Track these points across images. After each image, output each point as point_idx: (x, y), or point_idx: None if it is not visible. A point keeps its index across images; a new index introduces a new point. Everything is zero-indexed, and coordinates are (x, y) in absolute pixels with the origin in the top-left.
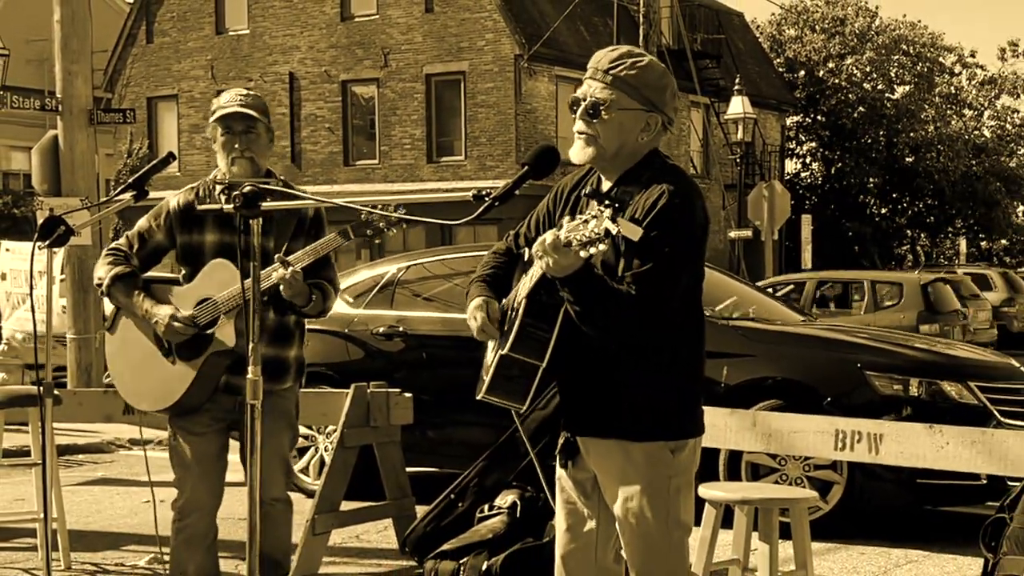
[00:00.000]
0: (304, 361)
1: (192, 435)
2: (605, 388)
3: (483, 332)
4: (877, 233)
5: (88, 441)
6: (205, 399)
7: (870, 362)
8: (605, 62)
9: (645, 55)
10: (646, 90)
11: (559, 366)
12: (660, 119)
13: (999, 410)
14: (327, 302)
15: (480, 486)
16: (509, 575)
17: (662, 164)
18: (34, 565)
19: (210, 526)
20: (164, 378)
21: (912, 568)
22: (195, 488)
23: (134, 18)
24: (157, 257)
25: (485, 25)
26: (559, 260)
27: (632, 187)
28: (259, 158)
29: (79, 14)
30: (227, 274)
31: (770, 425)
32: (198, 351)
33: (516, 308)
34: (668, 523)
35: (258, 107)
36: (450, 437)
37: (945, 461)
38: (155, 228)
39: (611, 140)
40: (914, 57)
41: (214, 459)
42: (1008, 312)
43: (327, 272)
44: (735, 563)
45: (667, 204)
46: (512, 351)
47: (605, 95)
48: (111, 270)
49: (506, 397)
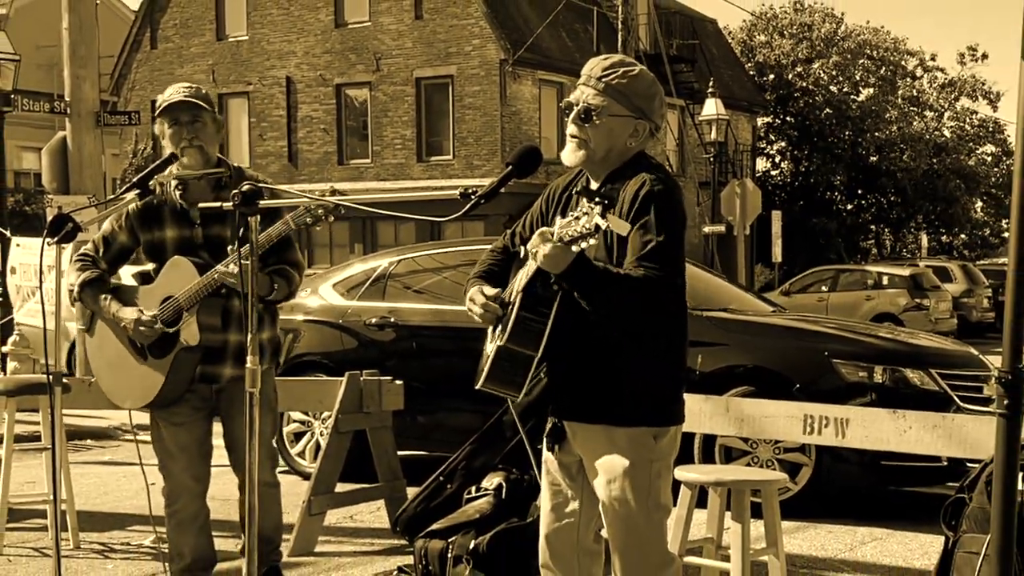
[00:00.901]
0: (279, 342)
1: (173, 425)
2: (592, 376)
3: (485, 313)
4: (843, 228)
5: (95, 426)
6: (182, 392)
7: (837, 350)
8: (598, 70)
9: (636, 65)
10: (636, 98)
11: (552, 356)
12: (648, 126)
13: (959, 396)
14: (291, 286)
15: (468, 469)
16: (495, 553)
17: (647, 164)
18: (44, 544)
19: (200, 509)
20: (140, 376)
21: (877, 545)
22: (180, 475)
23: (139, 25)
24: (124, 257)
25: (472, 31)
26: (552, 256)
27: (618, 184)
28: (208, 146)
29: (86, 21)
30: (185, 271)
31: (742, 410)
32: (167, 349)
33: (513, 302)
34: (648, 505)
35: (202, 97)
36: (439, 422)
37: (908, 444)
38: (118, 230)
39: (601, 144)
40: (878, 61)
41: (197, 445)
42: (967, 303)
43: (289, 255)
44: (709, 541)
45: (650, 190)
46: (509, 342)
47: (597, 101)
48: (80, 276)
49: (503, 387)
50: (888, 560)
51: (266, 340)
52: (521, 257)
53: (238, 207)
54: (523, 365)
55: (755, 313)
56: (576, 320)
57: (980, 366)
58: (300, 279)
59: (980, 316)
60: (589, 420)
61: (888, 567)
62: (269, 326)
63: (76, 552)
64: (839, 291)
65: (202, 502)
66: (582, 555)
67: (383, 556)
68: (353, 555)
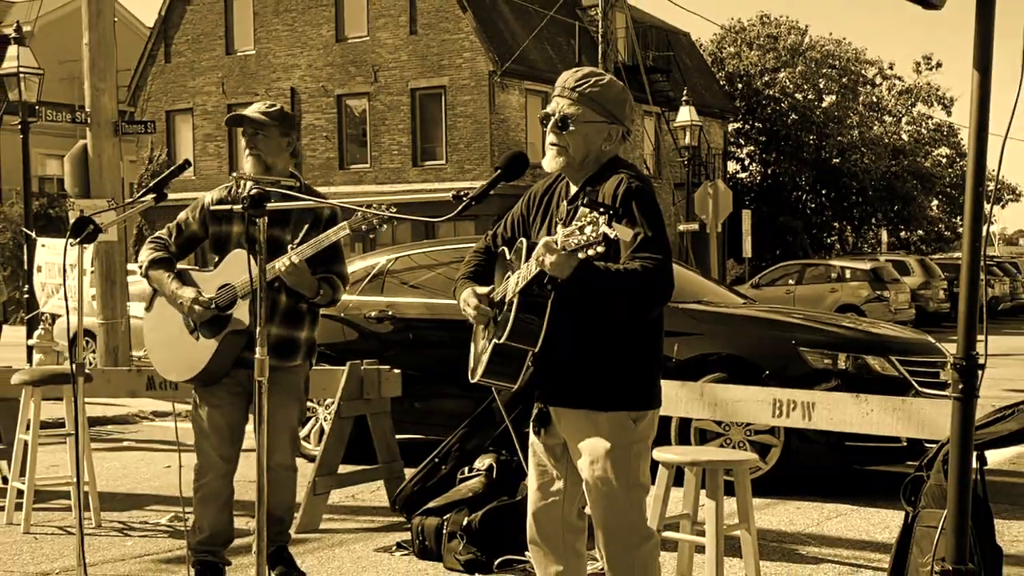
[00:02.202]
0: (315, 342)
1: (211, 406)
2: (576, 365)
3: (479, 315)
4: (808, 226)
5: (115, 414)
6: (225, 371)
7: (803, 339)
8: (571, 81)
9: (606, 75)
10: (608, 104)
11: (546, 350)
12: (621, 130)
13: (917, 381)
14: (336, 293)
15: (461, 451)
16: (487, 529)
17: (617, 163)
18: (68, 523)
19: (224, 486)
20: (189, 352)
21: (841, 520)
22: (210, 452)
23: (153, 40)
24: (193, 244)
25: (463, 45)
26: (559, 263)
27: (595, 187)
28: (267, 156)
29: (105, 37)
30: (244, 263)
31: (716, 395)
32: (218, 329)
33: (510, 303)
34: (629, 484)
35: (271, 114)
36: (434, 408)
37: (870, 426)
38: (191, 220)
39: (579, 149)
40: (840, 70)
41: (230, 428)
42: (924, 294)
43: (337, 267)
44: (685, 517)
45: (628, 187)
46: (508, 340)
47: (572, 110)
48: (150, 255)
49: (499, 379)
50: (852, 534)
51: (303, 338)
52: (507, 258)
53: (246, 209)
54: (518, 359)
55: (727, 305)
56: (566, 316)
57: (937, 353)
58: (344, 289)
59: (936, 307)
60: (573, 405)
61: (852, 540)
62: (309, 326)
63: (98, 531)
64: (805, 284)
65: (227, 481)
66: (567, 531)
67: (383, 532)
68: (355, 532)
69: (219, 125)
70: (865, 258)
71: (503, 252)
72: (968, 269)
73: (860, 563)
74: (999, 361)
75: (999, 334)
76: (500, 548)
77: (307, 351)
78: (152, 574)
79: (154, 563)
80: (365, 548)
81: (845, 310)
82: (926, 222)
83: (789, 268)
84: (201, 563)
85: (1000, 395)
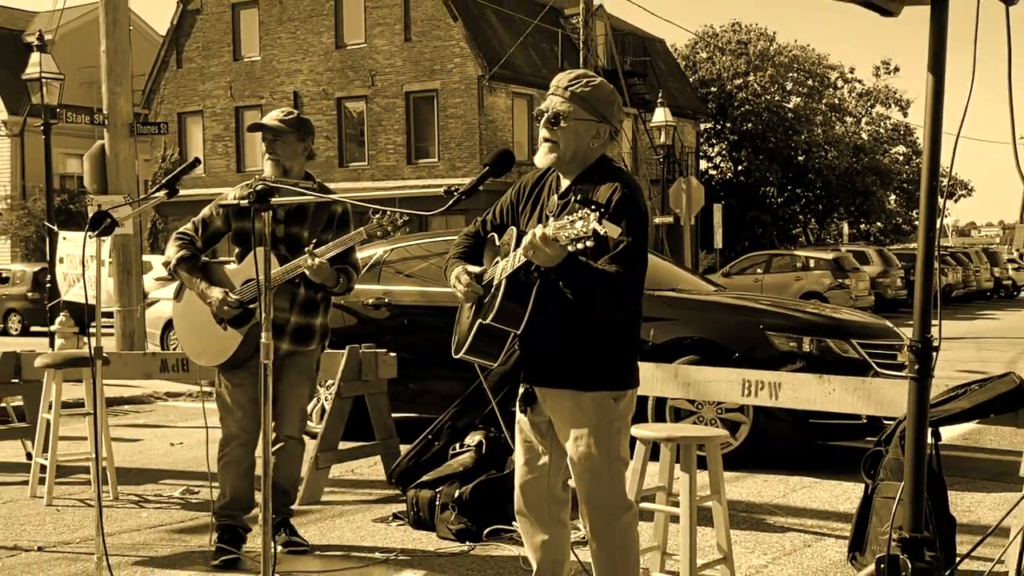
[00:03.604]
0: (328, 328)
1: (234, 385)
2: (560, 348)
3: (468, 291)
4: (775, 218)
5: (131, 394)
6: (250, 356)
7: (770, 324)
8: (565, 81)
9: (597, 77)
10: (597, 104)
11: (528, 333)
12: (609, 129)
13: (876, 362)
14: (351, 283)
15: (453, 428)
16: (476, 501)
17: (610, 166)
18: (88, 496)
19: (245, 455)
20: (217, 341)
21: (806, 492)
22: (232, 425)
23: (166, 47)
24: (216, 239)
25: (454, 51)
26: (548, 253)
27: (587, 186)
28: (285, 160)
29: (121, 45)
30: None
31: (689, 376)
32: (244, 321)
33: (497, 286)
34: (610, 458)
35: (288, 122)
36: (427, 388)
37: (832, 404)
38: (215, 216)
39: (569, 145)
40: (805, 74)
41: (250, 405)
42: (883, 282)
43: (351, 258)
44: (661, 489)
45: (621, 196)
46: (493, 321)
47: (564, 107)
48: (177, 252)
49: (482, 357)
50: (816, 505)
51: (318, 325)
52: (496, 244)
53: (252, 204)
54: (501, 340)
55: (700, 292)
56: (550, 302)
57: (894, 337)
58: (357, 278)
59: (894, 294)
60: (558, 386)
61: (816, 511)
62: (323, 313)
63: (115, 503)
64: (772, 273)
65: (248, 451)
66: (552, 502)
67: (380, 504)
68: (354, 503)
69: (227, 126)
70: (828, 249)
71: (492, 237)
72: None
73: (823, 532)
74: (952, 344)
75: (952, 319)
76: (489, 518)
77: (321, 336)
78: (166, 543)
79: (167, 533)
80: (364, 519)
81: (809, 297)
82: (884, 215)
83: (757, 258)
84: (223, 527)
85: (953, 375)
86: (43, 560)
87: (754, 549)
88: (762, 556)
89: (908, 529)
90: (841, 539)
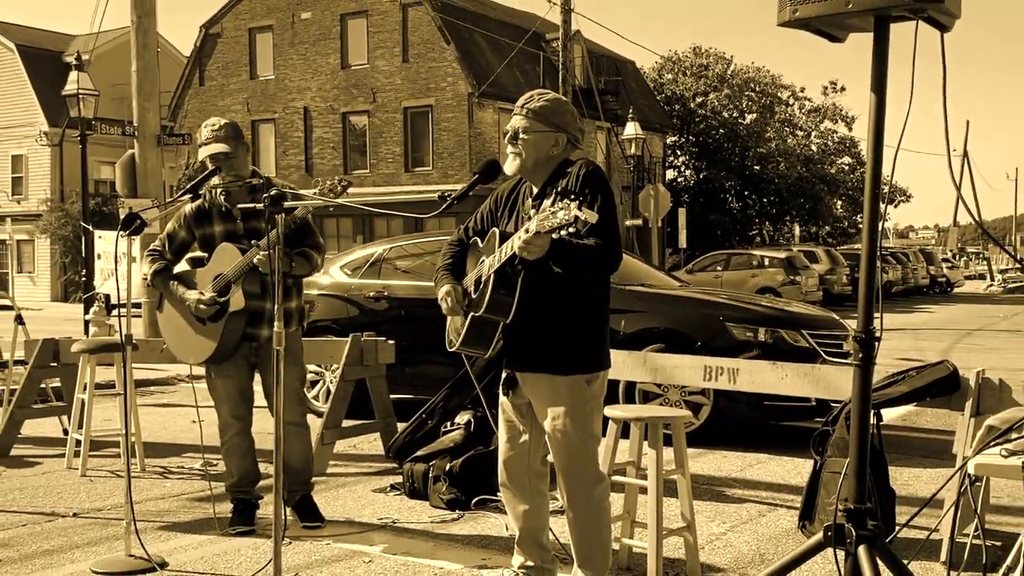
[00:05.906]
0: (304, 309)
1: (222, 376)
2: (538, 336)
3: (452, 312)
4: (734, 221)
5: (157, 377)
6: (234, 349)
7: (729, 316)
8: (522, 101)
9: (549, 92)
10: (552, 116)
11: (515, 321)
12: (566, 136)
13: (824, 351)
14: (311, 262)
15: (444, 408)
16: (465, 473)
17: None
18: (118, 467)
19: (243, 440)
20: (200, 339)
21: (761, 467)
22: (227, 415)
23: (190, 67)
24: (184, 249)
25: (446, 71)
26: (538, 244)
27: (558, 184)
28: (239, 169)
29: (150, 65)
30: (231, 253)
31: (656, 362)
32: (220, 315)
33: (486, 281)
34: (584, 436)
35: (229, 136)
36: (422, 373)
37: (785, 388)
38: (178, 228)
39: (530, 154)
40: (759, 93)
41: (240, 393)
42: (831, 279)
43: (311, 239)
44: (631, 464)
45: (587, 171)
46: (485, 313)
47: (523, 123)
48: (151, 267)
49: (474, 348)
50: (770, 479)
51: (294, 308)
52: (479, 247)
53: (268, 207)
54: (491, 331)
55: (666, 287)
56: (532, 292)
57: (840, 328)
58: (322, 257)
59: (840, 289)
60: (537, 371)
61: (770, 483)
62: (296, 296)
63: (142, 474)
64: (731, 270)
65: (245, 435)
66: (532, 475)
67: (379, 476)
68: (356, 475)
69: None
70: (781, 249)
71: (475, 242)
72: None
73: (776, 503)
74: (892, 335)
75: (892, 312)
76: (477, 489)
77: (298, 318)
78: (187, 510)
79: (189, 501)
80: (364, 489)
81: (764, 292)
82: (832, 219)
83: (717, 257)
84: (237, 500)
85: (893, 363)
86: (78, 525)
87: (714, 518)
88: (721, 524)
89: (853, 501)
90: (792, 509)
